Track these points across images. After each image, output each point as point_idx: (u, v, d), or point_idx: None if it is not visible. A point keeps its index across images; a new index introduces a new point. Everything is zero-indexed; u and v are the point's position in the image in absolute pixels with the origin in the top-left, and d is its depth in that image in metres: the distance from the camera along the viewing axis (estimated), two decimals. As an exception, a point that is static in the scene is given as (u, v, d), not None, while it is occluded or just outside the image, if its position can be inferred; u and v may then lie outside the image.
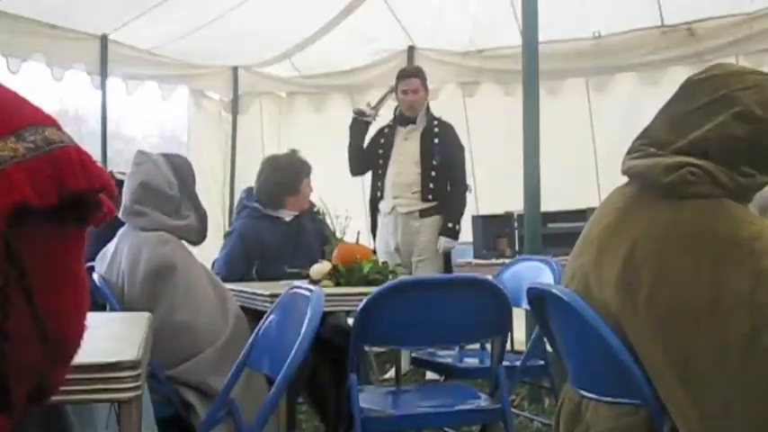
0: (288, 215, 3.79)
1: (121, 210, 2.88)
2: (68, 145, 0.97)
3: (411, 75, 4.96)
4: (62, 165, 0.94)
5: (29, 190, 0.90)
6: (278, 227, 3.74)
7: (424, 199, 4.79)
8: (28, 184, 0.90)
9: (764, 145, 1.70)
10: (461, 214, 4.85)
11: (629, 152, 1.81)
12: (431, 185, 4.78)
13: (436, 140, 4.82)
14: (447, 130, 4.89)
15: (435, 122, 4.87)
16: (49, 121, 0.99)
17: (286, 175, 3.78)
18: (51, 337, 0.95)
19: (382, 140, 4.91)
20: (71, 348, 1.04)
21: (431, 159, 4.75)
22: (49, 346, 0.96)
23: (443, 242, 4.77)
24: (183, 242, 2.91)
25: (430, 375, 4.54)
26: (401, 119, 4.90)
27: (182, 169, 2.95)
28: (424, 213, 4.81)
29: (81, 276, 1.03)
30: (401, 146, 4.85)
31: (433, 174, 4.77)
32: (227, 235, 3.87)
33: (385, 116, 5.04)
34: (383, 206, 4.90)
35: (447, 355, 3.58)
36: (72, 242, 1.00)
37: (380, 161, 4.87)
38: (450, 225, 4.80)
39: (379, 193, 4.91)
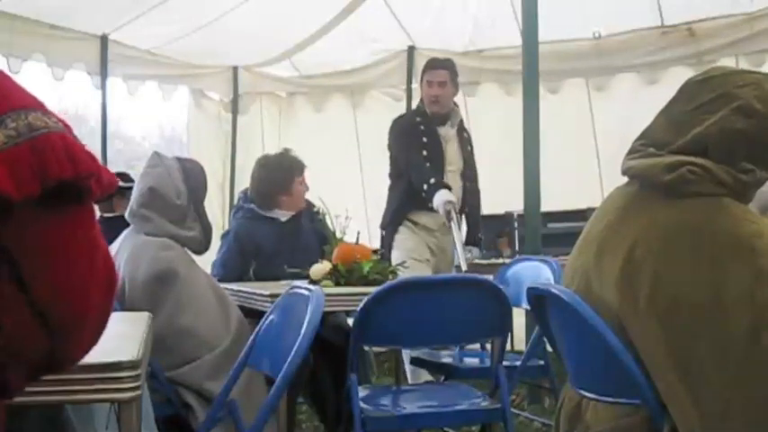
0: (283, 215, 3.77)
1: (128, 211, 2.88)
2: (53, 131, 0.91)
3: (439, 66, 4.25)
4: (45, 152, 0.88)
5: (8, 184, 0.85)
6: (274, 227, 3.73)
7: (461, 212, 4.25)
8: (7, 177, 0.85)
9: (764, 139, 1.70)
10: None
11: (628, 153, 1.82)
12: (466, 197, 4.35)
13: (468, 148, 4.39)
14: (470, 138, 4.42)
15: (465, 130, 4.40)
16: (34, 105, 0.92)
17: (277, 174, 3.76)
18: (53, 323, 0.91)
19: (425, 140, 4.17)
20: (85, 329, 0.96)
21: (468, 170, 4.32)
22: (55, 333, 0.92)
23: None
24: (186, 249, 2.90)
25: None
26: (434, 118, 4.20)
27: (193, 178, 2.94)
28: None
29: (81, 253, 0.94)
30: (447, 152, 4.23)
31: (467, 185, 4.33)
32: (223, 236, 3.87)
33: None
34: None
35: (447, 355, 3.58)
36: (71, 221, 0.93)
37: (428, 164, 4.11)
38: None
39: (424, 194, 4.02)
